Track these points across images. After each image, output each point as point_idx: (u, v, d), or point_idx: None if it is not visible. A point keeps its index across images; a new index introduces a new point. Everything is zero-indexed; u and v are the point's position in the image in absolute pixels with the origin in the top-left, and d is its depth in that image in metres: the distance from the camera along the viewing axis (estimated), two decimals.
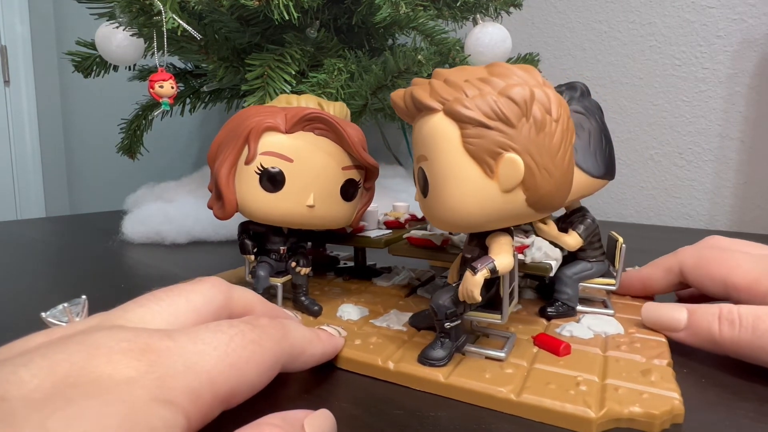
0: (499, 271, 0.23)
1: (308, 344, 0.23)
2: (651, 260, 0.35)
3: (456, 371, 0.24)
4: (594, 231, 0.32)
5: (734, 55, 0.77)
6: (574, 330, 0.28)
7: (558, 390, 0.22)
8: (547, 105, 0.21)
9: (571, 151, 0.22)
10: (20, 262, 0.52)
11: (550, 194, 0.22)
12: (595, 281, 0.33)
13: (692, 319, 0.27)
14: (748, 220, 0.78)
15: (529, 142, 0.21)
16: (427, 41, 0.60)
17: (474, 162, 0.21)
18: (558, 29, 0.95)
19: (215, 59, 0.57)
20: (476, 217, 0.22)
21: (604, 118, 0.30)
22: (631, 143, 0.88)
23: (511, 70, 0.22)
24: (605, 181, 0.30)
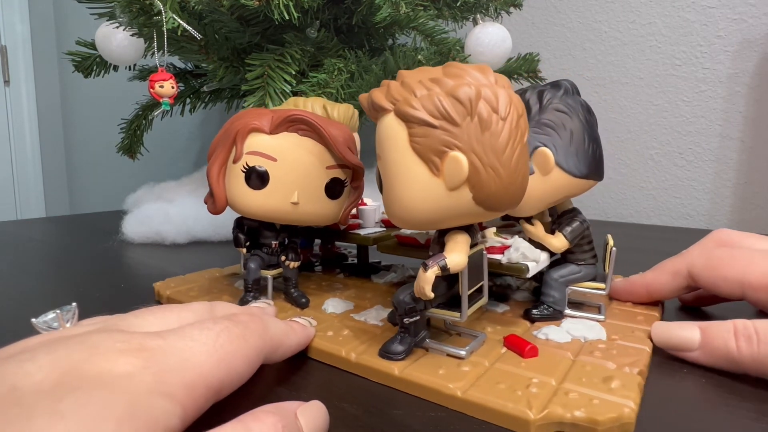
0: (450, 268, 0.23)
1: (285, 336, 0.24)
2: (651, 260, 0.35)
3: (412, 366, 0.24)
4: (582, 233, 0.31)
5: (734, 55, 0.77)
6: (550, 333, 0.28)
7: (506, 390, 0.22)
8: (494, 104, 0.21)
9: (521, 150, 0.22)
10: (20, 262, 0.52)
11: (497, 193, 0.22)
12: (584, 285, 0.32)
13: (706, 337, 0.25)
14: (748, 220, 0.78)
15: (473, 140, 0.21)
16: (427, 41, 0.60)
17: (421, 161, 0.22)
18: (558, 29, 0.95)
19: (215, 59, 0.57)
20: (425, 214, 0.23)
21: (591, 118, 0.29)
22: (631, 143, 0.88)
23: (464, 70, 0.22)
24: (591, 182, 0.29)
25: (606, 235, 0.35)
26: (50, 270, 0.50)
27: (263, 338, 0.22)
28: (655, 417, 0.22)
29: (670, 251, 0.36)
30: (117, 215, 0.66)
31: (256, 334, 0.21)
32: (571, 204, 0.32)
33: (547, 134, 0.28)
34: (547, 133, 0.28)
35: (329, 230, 0.40)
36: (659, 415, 0.22)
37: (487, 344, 0.27)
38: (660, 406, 0.22)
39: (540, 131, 0.28)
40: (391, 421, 0.21)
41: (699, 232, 0.72)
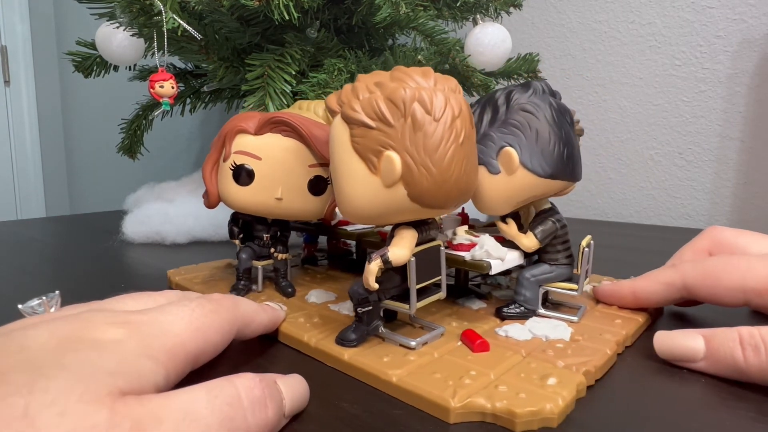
0: (392, 261, 0.25)
1: (255, 314, 0.27)
2: (651, 260, 0.35)
3: (361, 353, 0.26)
4: (554, 233, 0.31)
5: (734, 55, 0.77)
6: (510, 331, 0.28)
7: (439, 379, 0.23)
8: (428, 106, 0.23)
9: (455, 150, 0.23)
10: (20, 262, 0.52)
11: (430, 190, 0.23)
12: (557, 285, 0.31)
13: (711, 347, 0.25)
14: (748, 220, 0.78)
15: (407, 140, 0.23)
16: (427, 41, 0.60)
17: (361, 159, 0.24)
18: (558, 29, 0.95)
19: (215, 59, 0.57)
20: (367, 210, 0.25)
21: (562, 118, 0.28)
22: (631, 143, 0.88)
23: (407, 74, 0.24)
24: (562, 183, 0.29)
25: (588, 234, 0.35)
26: (50, 270, 0.50)
27: (234, 313, 0.24)
28: (656, 417, 0.22)
29: (670, 251, 0.36)
30: (117, 215, 0.66)
31: (227, 309, 0.24)
32: (548, 204, 0.32)
33: (513, 134, 0.28)
34: (513, 133, 0.28)
35: (316, 225, 0.42)
36: (659, 415, 0.22)
37: (445, 337, 0.28)
38: (660, 406, 0.22)
39: (506, 131, 0.28)
40: (392, 422, 0.21)
41: (699, 232, 0.72)
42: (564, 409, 0.21)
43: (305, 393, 0.22)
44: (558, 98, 0.30)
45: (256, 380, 0.19)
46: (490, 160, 0.28)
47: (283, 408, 0.20)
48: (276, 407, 0.19)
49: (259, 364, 0.27)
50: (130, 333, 0.19)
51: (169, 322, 0.21)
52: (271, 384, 0.20)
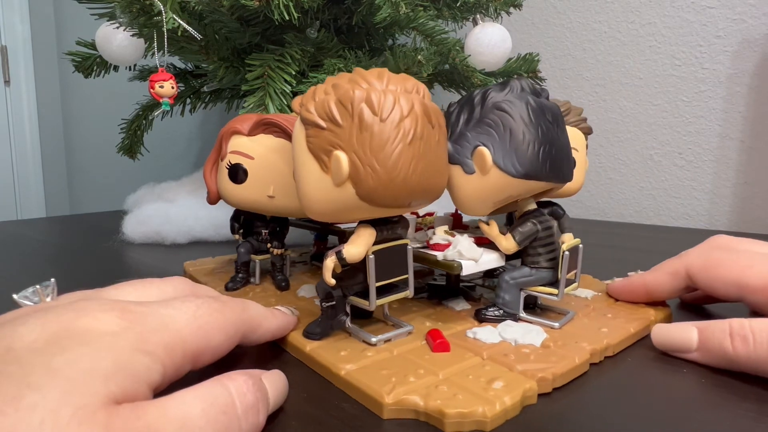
0: (347, 258, 0.25)
1: (264, 319, 0.26)
2: (651, 260, 0.35)
3: (323, 345, 0.27)
4: (534, 236, 0.30)
5: (734, 55, 0.77)
6: (479, 333, 0.28)
7: (384, 375, 0.23)
8: (375, 107, 0.23)
9: (402, 149, 0.23)
10: (20, 262, 0.52)
11: (376, 189, 0.24)
12: (538, 289, 0.31)
13: (703, 337, 0.26)
14: (748, 220, 0.78)
15: (354, 140, 0.23)
16: (427, 41, 0.60)
17: (314, 159, 0.24)
18: (558, 29, 0.95)
19: (215, 59, 0.57)
20: (321, 207, 0.26)
21: (541, 117, 0.27)
22: (631, 143, 0.88)
23: (362, 76, 0.24)
24: (542, 183, 0.28)
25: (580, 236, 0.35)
26: (50, 270, 0.50)
27: (240, 316, 0.23)
28: (656, 417, 0.22)
29: (670, 251, 0.36)
30: (117, 215, 0.66)
31: (233, 311, 0.23)
32: (533, 205, 0.31)
33: (487, 133, 0.27)
34: (487, 133, 0.27)
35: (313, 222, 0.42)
36: (659, 414, 0.22)
37: (412, 336, 0.28)
38: (660, 406, 0.22)
39: (481, 131, 0.28)
40: (336, 414, 0.21)
41: (699, 232, 0.72)
42: (501, 413, 0.21)
43: (285, 388, 0.22)
44: (543, 96, 0.29)
45: (249, 384, 0.19)
46: (465, 159, 0.28)
47: (268, 407, 0.20)
48: (265, 409, 0.19)
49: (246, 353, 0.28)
50: (127, 324, 0.18)
51: (170, 316, 0.20)
52: (260, 386, 0.19)
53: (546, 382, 0.23)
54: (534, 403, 0.23)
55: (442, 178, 0.27)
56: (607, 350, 0.27)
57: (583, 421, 0.21)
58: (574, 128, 0.36)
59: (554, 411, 0.22)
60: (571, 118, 0.36)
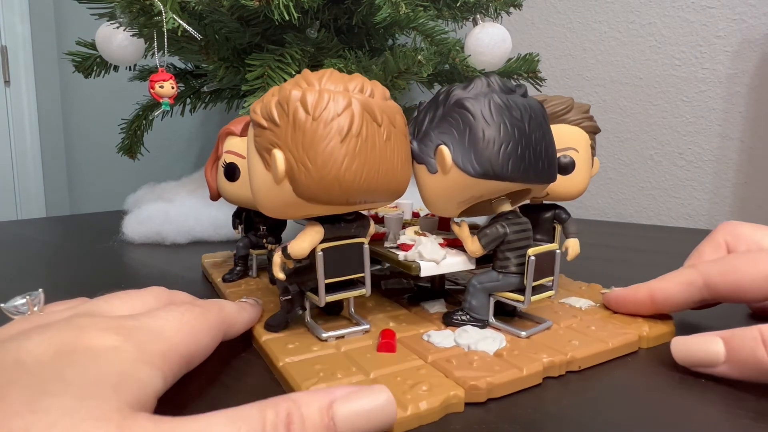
0: (291, 254, 0.26)
1: (238, 315, 0.27)
2: (651, 260, 0.35)
3: (277, 337, 0.28)
4: (502, 239, 0.28)
5: (734, 55, 0.77)
6: (434, 336, 0.27)
7: (314, 371, 0.24)
8: (308, 106, 0.24)
9: (336, 147, 0.24)
10: (20, 262, 0.52)
11: (309, 186, 0.24)
12: (505, 295, 0.29)
13: (731, 348, 0.23)
14: (748, 220, 0.78)
15: (289, 139, 0.24)
16: (427, 41, 0.60)
17: (259, 157, 0.25)
18: (558, 29, 0.95)
19: (215, 59, 0.57)
20: (268, 204, 0.26)
21: (506, 114, 0.26)
22: (631, 143, 0.88)
23: (305, 76, 0.25)
24: (509, 184, 0.27)
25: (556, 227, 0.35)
26: (50, 270, 0.50)
27: (220, 316, 0.25)
28: (656, 416, 0.22)
29: (670, 251, 0.36)
30: (117, 215, 0.66)
31: (213, 313, 0.24)
32: (507, 206, 0.29)
33: (448, 132, 0.27)
34: (448, 131, 0.27)
35: None
36: (659, 414, 0.22)
37: (368, 335, 0.28)
38: (660, 406, 0.22)
39: (443, 129, 0.27)
40: None
41: (699, 232, 0.72)
42: (412, 417, 0.21)
43: (377, 413, 0.18)
44: (518, 94, 0.28)
45: (285, 412, 0.17)
46: (429, 159, 0.27)
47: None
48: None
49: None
50: (125, 339, 0.19)
51: (160, 327, 0.21)
52: (306, 415, 0.17)
53: (478, 391, 0.23)
54: (460, 411, 0.22)
55: (395, 176, 0.26)
56: (571, 364, 0.26)
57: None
58: (574, 127, 0.35)
59: (478, 421, 0.21)
60: (571, 116, 0.35)
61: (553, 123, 0.34)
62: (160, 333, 0.21)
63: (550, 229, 0.37)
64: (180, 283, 0.43)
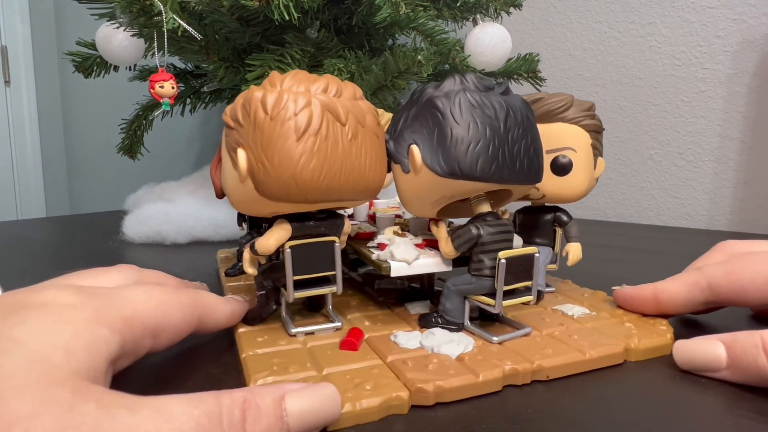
0: (257, 250, 0.27)
1: (219, 303, 0.27)
2: (651, 260, 0.35)
3: (252, 330, 0.29)
4: (475, 241, 0.28)
5: (734, 55, 0.77)
6: (400, 337, 0.27)
7: (269, 364, 0.24)
8: (267, 106, 0.24)
9: (292, 146, 0.24)
10: (20, 262, 0.52)
11: (266, 184, 0.25)
12: (477, 298, 0.28)
13: (733, 354, 0.24)
14: (748, 220, 0.78)
15: (250, 138, 0.25)
16: (427, 41, 0.60)
17: (228, 156, 0.26)
18: (558, 29, 0.95)
19: (216, 59, 0.57)
20: (237, 200, 0.27)
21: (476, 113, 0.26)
22: (631, 143, 0.88)
23: (271, 78, 0.26)
24: (481, 184, 0.26)
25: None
26: (50, 270, 0.50)
27: (195, 299, 0.24)
28: (656, 416, 0.22)
29: (670, 251, 0.35)
30: (117, 215, 0.66)
31: (188, 294, 0.24)
32: (486, 207, 0.29)
33: (419, 131, 0.27)
34: (419, 130, 0.27)
35: None
36: (659, 414, 0.22)
37: (338, 332, 0.29)
38: (660, 406, 0.22)
39: (415, 129, 0.27)
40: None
41: (699, 232, 0.72)
42: (350, 415, 0.21)
43: (323, 407, 0.20)
44: (498, 92, 0.27)
45: (241, 400, 0.17)
46: (403, 158, 0.27)
47: (284, 426, 0.18)
48: (262, 429, 0.17)
49: None
50: (85, 300, 0.19)
51: (126, 295, 0.21)
52: (261, 405, 0.18)
53: (425, 394, 0.22)
54: (403, 413, 0.22)
55: (362, 175, 0.26)
56: (537, 373, 0.25)
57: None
58: (572, 125, 0.34)
59: (418, 424, 0.21)
60: (570, 114, 0.33)
61: (550, 121, 0.33)
62: (125, 300, 0.20)
63: (550, 233, 0.36)
64: None
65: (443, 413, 0.22)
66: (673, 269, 0.32)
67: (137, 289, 0.22)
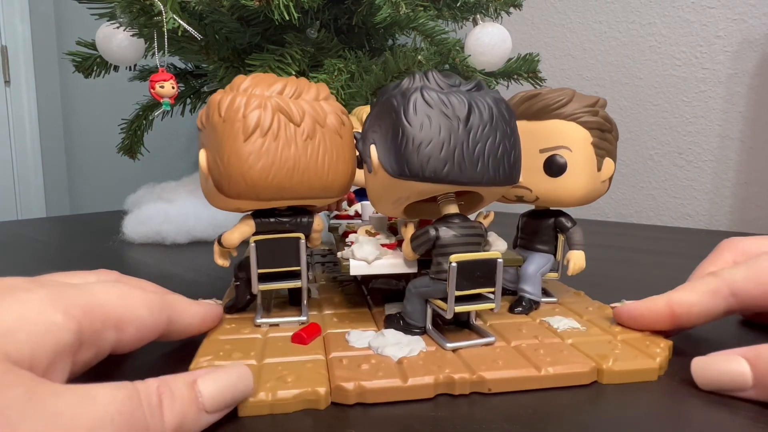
0: (222, 242, 0.29)
1: (190, 306, 0.27)
2: (651, 260, 0.35)
3: (228, 318, 0.30)
4: (432, 243, 0.27)
5: (734, 55, 0.77)
6: (351, 335, 0.28)
7: (218, 350, 0.26)
8: (222, 109, 0.26)
9: (240, 146, 0.25)
10: (20, 262, 0.52)
11: (220, 182, 0.26)
12: (435, 302, 0.28)
13: (759, 371, 0.21)
14: (748, 220, 0.78)
15: (209, 139, 0.27)
16: (427, 41, 0.60)
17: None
18: (558, 29, 0.95)
19: (216, 59, 0.57)
20: (207, 197, 0.29)
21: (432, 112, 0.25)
22: (631, 143, 0.88)
23: (234, 81, 0.27)
24: (429, 184, 0.25)
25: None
26: (50, 270, 0.50)
27: (164, 297, 0.25)
28: (655, 416, 0.22)
29: (671, 251, 0.35)
30: (117, 215, 0.66)
31: (156, 292, 0.24)
32: (453, 209, 0.27)
33: (378, 131, 0.26)
34: (378, 130, 0.26)
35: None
36: (659, 414, 0.22)
37: (302, 326, 0.29)
38: (660, 406, 0.22)
39: (375, 128, 0.26)
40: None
41: (699, 232, 0.72)
42: (263, 403, 0.22)
43: (235, 386, 0.21)
44: (466, 89, 0.26)
45: (155, 385, 0.18)
46: (367, 158, 0.27)
47: (200, 406, 0.19)
48: (178, 410, 0.18)
49: None
50: (44, 288, 0.18)
51: (88, 287, 0.21)
52: (174, 389, 0.19)
53: (344, 392, 0.22)
54: (320, 408, 0.22)
55: (318, 175, 0.27)
56: (478, 385, 0.24)
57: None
58: (569, 122, 0.31)
59: (332, 419, 0.21)
60: (567, 111, 0.31)
61: (545, 118, 0.31)
62: (84, 288, 0.20)
63: (551, 239, 0.34)
64: (180, 283, 0.43)
65: (376, 413, 0.22)
66: (672, 269, 0.32)
67: (100, 283, 0.22)
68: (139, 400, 0.17)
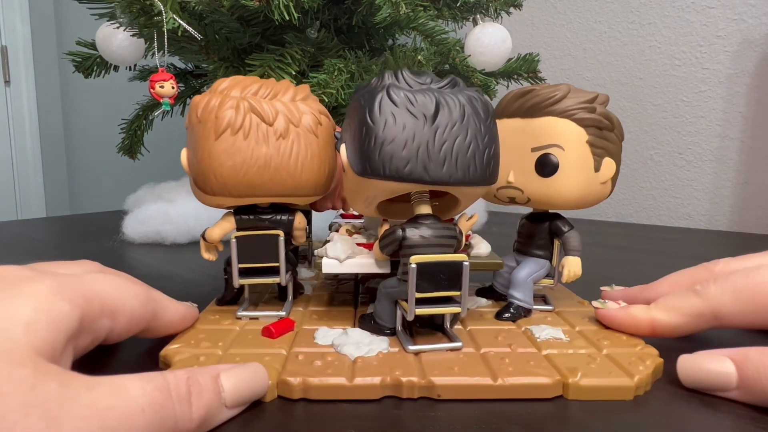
0: (205, 237, 0.30)
1: (171, 303, 0.28)
2: (651, 260, 0.35)
3: (213, 309, 0.32)
4: (398, 243, 0.26)
5: (734, 55, 0.77)
6: (320, 332, 0.28)
7: (192, 339, 0.27)
8: (199, 110, 0.27)
9: (212, 145, 0.27)
10: (20, 262, 0.52)
11: (196, 180, 0.28)
12: (402, 304, 0.27)
13: (745, 374, 0.22)
14: (748, 220, 0.78)
15: (189, 138, 0.28)
16: (427, 41, 0.60)
17: None
18: (558, 29, 0.95)
19: (216, 59, 0.57)
20: (194, 193, 0.30)
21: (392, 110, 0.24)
22: (631, 143, 0.88)
23: (215, 84, 0.28)
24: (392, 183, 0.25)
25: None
26: None
27: (149, 292, 0.26)
28: (656, 416, 0.22)
29: (670, 251, 0.35)
30: (117, 215, 0.66)
31: (141, 285, 0.25)
32: (425, 209, 0.27)
33: (348, 130, 0.26)
34: (348, 129, 0.26)
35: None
36: (659, 414, 0.22)
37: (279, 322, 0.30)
38: (660, 405, 0.22)
39: (346, 127, 0.27)
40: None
41: (699, 232, 0.72)
42: None
43: (253, 383, 0.22)
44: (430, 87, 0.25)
45: (185, 377, 0.19)
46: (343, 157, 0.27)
47: (222, 401, 0.20)
48: (204, 403, 0.19)
49: None
50: (45, 277, 0.19)
51: (84, 277, 0.21)
52: (201, 382, 0.19)
53: (289, 386, 0.23)
54: (267, 401, 0.23)
55: (291, 173, 0.28)
56: (427, 390, 0.23)
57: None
58: (562, 120, 0.29)
59: (276, 412, 0.22)
60: (561, 107, 0.29)
61: (537, 116, 0.30)
62: (85, 280, 0.21)
63: (547, 243, 0.32)
64: (180, 283, 0.43)
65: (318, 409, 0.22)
66: (672, 269, 0.32)
67: (94, 273, 0.23)
68: (168, 392, 0.18)
